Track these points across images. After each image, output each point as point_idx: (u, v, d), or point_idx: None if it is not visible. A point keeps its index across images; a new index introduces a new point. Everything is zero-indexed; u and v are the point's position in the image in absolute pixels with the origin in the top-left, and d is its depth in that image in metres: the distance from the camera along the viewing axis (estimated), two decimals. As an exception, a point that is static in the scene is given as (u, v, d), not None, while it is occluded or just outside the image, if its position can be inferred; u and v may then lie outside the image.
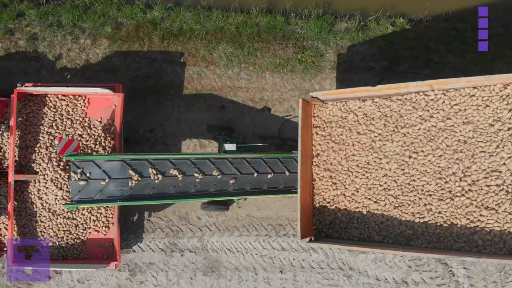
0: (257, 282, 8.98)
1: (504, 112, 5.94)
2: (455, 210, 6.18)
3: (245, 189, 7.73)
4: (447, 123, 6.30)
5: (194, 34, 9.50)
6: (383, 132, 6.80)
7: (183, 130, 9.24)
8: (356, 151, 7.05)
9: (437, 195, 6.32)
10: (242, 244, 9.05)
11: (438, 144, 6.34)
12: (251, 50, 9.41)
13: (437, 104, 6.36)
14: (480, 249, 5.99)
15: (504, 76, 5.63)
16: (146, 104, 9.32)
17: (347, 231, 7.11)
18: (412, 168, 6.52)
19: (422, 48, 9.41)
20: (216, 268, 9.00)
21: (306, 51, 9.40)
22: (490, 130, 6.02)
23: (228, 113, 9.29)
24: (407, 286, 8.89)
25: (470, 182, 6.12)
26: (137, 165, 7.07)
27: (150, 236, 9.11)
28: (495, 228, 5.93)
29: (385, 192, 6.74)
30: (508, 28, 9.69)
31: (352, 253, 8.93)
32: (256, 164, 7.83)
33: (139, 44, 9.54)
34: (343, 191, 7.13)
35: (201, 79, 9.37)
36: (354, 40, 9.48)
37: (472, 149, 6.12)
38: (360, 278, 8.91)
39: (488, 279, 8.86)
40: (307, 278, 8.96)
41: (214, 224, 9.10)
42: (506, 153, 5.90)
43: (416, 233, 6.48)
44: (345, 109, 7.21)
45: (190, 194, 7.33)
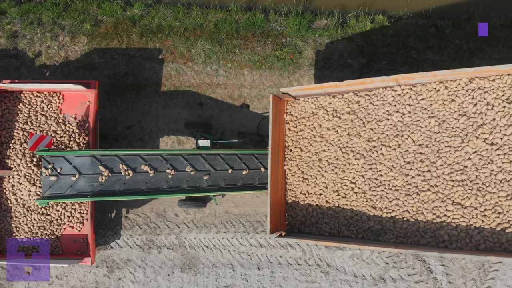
0: (235, 279, 8.99)
1: (469, 107, 5.95)
2: (422, 205, 6.19)
3: (219, 186, 7.75)
4: (413, 118, 6.32)
5: (173, 31, 9.53)
6: (351, 128, 6.82)
7: (161, 127, 9.26)
8: (326, 147, 7.07)
9: (403, 190, 6.33)
10: (220, 241, 9.06)
11: (404, 139, 6.36)
12: (230, 47, 9.44)
13: (404, 99, 6.38)
14: (447, 244, 6.00)
15: (469, 70, 5.64)
16: (124, 101, 9.36)
17: (318, 226, 7.13)
18: (379, 163, 6.53)
19: (400, 45, 9.42)
20: (193, 265, 9.02)
21: (285, 48, 9.42)
22: (455, 125, 6.03)
23: (206, 110, 9.31)
24: (384, 283, 8.89)
25: (435, 176, 6.12)
26: (107, 161, 7.09)
27: (127, 233, 9.14)
28: (461, 223, 5.94)
29: (353, 187, 6.75)
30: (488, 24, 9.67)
31: (330, 250, 8.94)
32: (231, 160, 7.85)
33: (118, 41, 9.57)
34: (314, 186, 7.15)
35: (179, 75, 9.39)
36: (333, 37, 9.50)
37: (438, 144, 6.13)
38: (337, 275, 8.92)
39: (467, 276, 8.86)
40: (285, 274, 8.97)
41: (192, 221, 9.12)
42: (471, 147, 5.91)
43: (384, 228, 6.49)
44: (316, 105, 7.23)
45: (162, 190, 7.35)
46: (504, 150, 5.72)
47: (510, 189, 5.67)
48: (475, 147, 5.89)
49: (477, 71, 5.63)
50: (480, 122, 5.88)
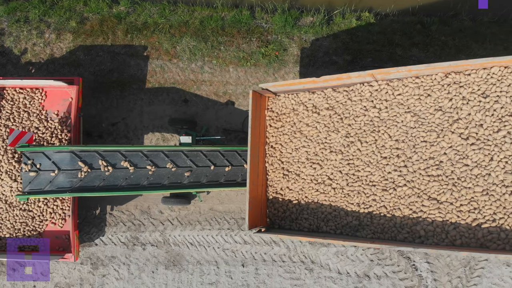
0: (219, 276, 9.01)
1: (445, 101, 5.95)
2: (398, 200, 6.20)
3: (201, 182, 7.76)
4: (390, 113, 6.33)
5: (158, 28, 9.55)
6: (329, 123, 6.83)
7: (146, 124, 9.29)
8: (305, 143, 7.09)
9: (380, 185, 6.34)
10: (204, 238, 9.08)
11: (380, 134, 6.37)
12: (215, 43, 9.45)
13: (381, 94, 6.39)
14: (423, 239, 6.00)
15: (445, 65, 5.65)
16: (109, 97, 9.39)
17: (297, 222, 7.14)
18: (357, 158, 6.54)
19: (386, 41, 9.42)
20: (178, 262, 9.04)
21: (270, 45, 9.43)
22: (431, 120, 6.03)
23: (191, 107, 9.33)
24: (369, 280, 8.89)
25: (412, 172, 6.13)
26: (86, 157, 7.12)
27: (112, 230, 9.17)
28: (437, 219, 5.94)
29: (331, 183, 6.76)
30: (475, 21, 9.67)
31: (314, 246, 8.95)
32: (213, 157, 7.86)
33: (103, 38, 9.60)
34: (294, 182, 7.17)
35: (164, 72, 9.41)
36: (318, 34, 9.50)
37: (414, 139, 6.14)
38: (322, 272, 8.92)
39: (452, 274, 8.85)
40: (269, 271, 8.98)
41: (176, 218, 9.14)
42: (446, 142, 5.91)
43: (362, 224, 6.50)
44: (296, 101, 7.24)
45: (142, 186, 7.38)
46: (479, 145, 5.72)
47: (486, 184, 5.67)
48: (451, 142, 5.90)
49: (452, 65, 5.64)
50: (456, 117, 5.89)
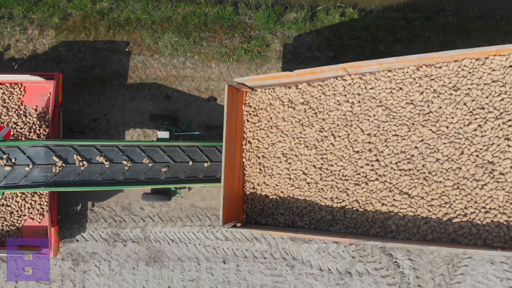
0: (200, 272, 8.99)
1: (416, 95, 5.92)
2: (370, 194, 6.17)
3: (179, 178, 7.75)
4: (362, 108, 6.30)
5: (140, 24, 9.55)
6: (304, 118, 6.80)
7: (127, 120, 9.29)
8: (281, 138, 7.07)
9: (353, 179, 6.31)
10: (185, 235, 9.06)
11: (353, 128, 6.34)
12: (197, 39, 9.44)
13: (353, 88, 6.36)
14: (395, 234, 5.96)
15: (415, 57, 5.61)
16: (90, 93, 9.39)
17: (274, 218, 7.12)
18: (330, 153, 6.52)
19: (369, 37, 9.39)
20: (158, 259, 9.03)
21: (252, 41, 9.41)
22: (402, 113, 6.00)
23: (173, 103, 9.32)
24: (350, 277, 8.85)
25: (383, 166, 6.09)
26: (61, 151, 7.12)
27: (93, 226, 9.17)
28: (408, 213, 5.90)
29: (305, 178, 6.74)
30: (460, 16, 9.63)
31: (295, 243, 8.92)
32: (192, 152, 7.85)
33: (85, 34, 9.61)
34: (270, 178, 7.14)
35: (145, 68, 9.41)
36: (301, 30, 9.48)
37: (385, 133, 6.11)
38: (303, 268, 8.89)
39: (435, 271, 8.80)
40: (250, 268, 8.96)
41: (157, 214, 9.13)
42: (417, 136, 5.87)
43: (335, 218, 6.47)
44: (273, 96, 7.22)
45: (118, 181, 7.37)
46: (450, 139, 5.69)
47: (456, 178, 5.63)
48: (422, 135, 5.86)
49: (422, 58, 5.60)
50: (427, 110, 5.85)
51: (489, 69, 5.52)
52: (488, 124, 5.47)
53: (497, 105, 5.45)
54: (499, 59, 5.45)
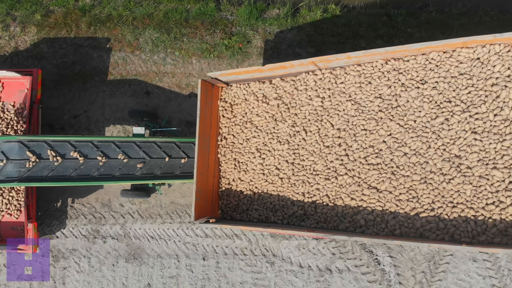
0: (180, 269, 8.98)
1: (384, 89, 5.89)
2: (340, 189, 6.14)
3: (155, 174, 7.73)
4: (332, 102, 6.28)
5: (122, 20, 9.54)
6: (277, 113, 6.78)
7: (107, 116, 9.29)
8: (255, 133, 7.05)
9: (323, 174, 6.28)
10: (165, 231, 9.06)
11: (323, 123, 6.32)
12: (178, 35, 9.44)
13: (324, 83, 6.34)
14: (364, 229, 5.93)
15: (382, 51, 5.58)
16: (71, 90, 9.40)
17: (248, 213, 7.11)
18: (302, 148, 6.50)
19: (350, 34, 9.36)
20: (138, 255, 9.02)
21: (233, 37, 9.39)
22: (371, 108, 5.97)
23: (153, 99, 9.32)
24: (330, 274, 8.82)
25: (352, 160, 6.07)
26: (35, 147, 7.13)
27: (73, 223, 9.18)
28: (377, 208, 5.87)
29: (278, 173, 6.71)
30: (443, 12, 9.58)
31: (276, 239, 8.90)
32: (168, 148, 7.84)
33: (66, 31, 9.62)
34: (245, 173, 7.12)
35: (126, 64, 9.41)
36: (283, 26, 9.46)
37: (355, 128, 6.08)
38: (283, 265, 8.87)
39: (416, 268, 8.75)
40: (230, 265, 8.94)
41: (137, 211, 9.12)
42: (385, 130, 5.84)
43: (307, 213, 6.45)
44: (248, 91, 7.21)
45: (92, 177, 7.37)
46: (418, 132, 5.65)
47: (424, 172, 5.60)
48: (389, 129, 5.83)
49: (389, 51, 5.58)
50: (395, 104, 5.82)
51: (456, 62, 5.48)
52: (455, 118, 5.43)
53: (464, 98, 5.41)
54: (466, 52, 5.42)
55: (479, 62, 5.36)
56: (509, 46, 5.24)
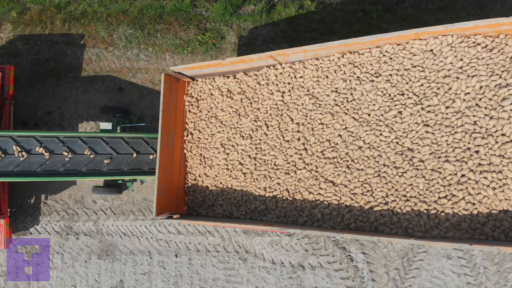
0: (152, 266, 9.00)
1: (340, 82, 5.89)
2: (298, 183, 6.14)
3: (122, 170, 7.74)
4: (292, 97, 6.28)
5: (96, 17, 9.57)
6: (240, 108, 6.79)
7: (81, 113, 9.32)
8: (220, 128, 7.06)
9: (284, 168, 6.29)
10: (138, 228, 9.08)
11: (283, 118, 6.32)
12: (152, 31, 9.46)
13: (284, 77, 6.34)
14: (321, 223, 5.93)
15: (336, 44, 5.58)
16: (45, 86, 9.45)
17: (213, 209, 7.11)
18: (264, 142, 6.51)
19: (325, 30, 9.35)
20: (111, 252, 9.05)
21: (207, 33, 9.40)
22: (327, 102, 5.97)
23: (126, 95, 9.35)
24: (303, 270, 8.81)
25: (310, 154, 6.07)
26: (1, 142, 7.16)
27: (46, 219, 9.21)
28: (333, 202, 5.87)
29: (241, 168, 6.72)
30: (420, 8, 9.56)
31: (249, 236, 8.90)
32: (136, 144, 7.85)
33: (41, 28, 9.67)
34: (210, 169, 7.13)
35: (99, 60, 9.44)
36: (257, 22, 9.46)
37: (312, 122, 6.09)
38: (256, 262, 8.87)
39: (389, 265, 8.73)
40: (202, 261, 8.95)
41: (110, 208, 9.15)
42: (340, 124, 5.85)
43: (268, 208, 6.45)
44: (213, 86, 7.22)
45: (58, 173, 7.40)
46: (372, 126, 5.65)
47: (377, 166, 5.58)
48: (345, 123, 5.83)
49: (343, 44, 5.57)
50: (350, 98, 5.82)
51: (409, 54, 5.47)
52: (407, 111, 5.42)
53: (416, 91, 5.40)
54: (419, 44, 5.41)
55: (431, 54, 5.35)
56: (462, 37, 5.22)
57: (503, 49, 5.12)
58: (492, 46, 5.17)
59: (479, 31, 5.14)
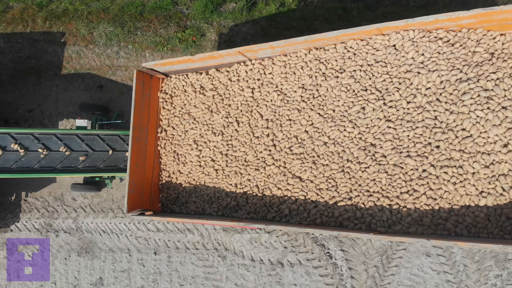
0: (131, 263, 9.06)
1: (306, 79, 5.93)
2: (267, 179, 6.20)
3: (98, 167, 7.81)
4: (262, 93, 6.34)
5: (77, 15, 9.65)
6: (212, 104, 6.84)
7: (61, 110, 9.40)
8: (193, 124, 7.12)
9: (254, 165, 6.35)
10: (117, 226, 9.14)
11: (253, 114, 6.38)
12: (132, 29, 9.53)
13: (254, 73, 6.41)
14: (288, 218, 5.98)
15: (302, 39, 5.62)
16: (26, 84, 9.53)
17: (187, 206, 7.17)
18: (235, 138, 6.58)
19: (305, 27, 9.40)
20: (90, 249, 9.12)
21: (187, 30, 9.46)
22: (295, 98, 6.02)
23: (106, 92, 9.41)
24: (282, 267, 8.85)
25: (278, 150, 6.12)
26: (-26, 139, 7.24)
27: (26, 216, 9.29)
28: (300, 197, 5.92)
29: (213, 165, 6.78)
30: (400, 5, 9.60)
31: (228, 233, 8.95)
32: (112, 141, 7.92)
33: (23, 26, 9.75)
34: (183, 165, 7.19)
35: (80, 58, 9.52)
36: (238, 20, 9.52)
37: (280, 118, 6.14)
38: (235, 259, 8.92)
39: (368, 263, 8.76)
40: (182, 259, 9.01)
41: (89, 205, 9.22)
42: (307, 120, 5.90)
43: (239, 204, 6.51)
44: (187, 82, 7.29)
45: (33, 169, 7.46)
46: (336, 122, 5.69)
47: (341, 161, 5.63)
48: (311, 119, 5.88)
49: (308, 40, 5.62)
50: (316, 94, 5.87)
51: (373, 50, 5.52)
52: (369, 106, 5.47)
53: (379, 86, 5.45)
54: (382, 39, 5.45)
55: (394, 49, 5.39)
56: (423, 31, 5.26)
57: (465, 43, 5.16)
58: (455, 41, 5.21)
59: (441, 26, 5.18)
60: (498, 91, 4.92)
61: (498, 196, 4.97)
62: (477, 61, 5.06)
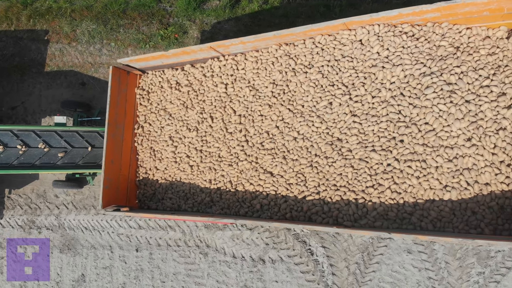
0: (113, 260, 9.14)
1: (276, 74, 6.01)
2: (240, 175, 6.28)
3: (77, 163, 7.90)
4: (235, 88, 6.42)
5: (60, 12, 9.74)
6: (187, 100, 6.93)
7: (44, 108, 9.50)
8: (169, 121, 7.21)
9: (227, 160, 6.43)
10: (99, 223, 9.23)
11: (227, 110, 6.47)
12: (115, 26, 9.62)
13: (227, 69, 6.50)
14: (260, 213, 6.05)
15: (270, 35, 5.70)
16: (10, 82, 9.63)
17: (163, 202, 7.25)
18: (209, 134, 6.67)
19: (287, 24, 9.45)
20: (72, 246, 9.21)
21: (169, 28, 9.55)
22: (266, 93, 6.10)
23: (89, 90, 9.51)
24: (263, 264, 8.92)
25: (251, 146, 6.20)
26: (-48, 136, 7.34)
27: (10, 213, 9.39)
28: (271, 192, 6.00)
29: (189, 161, 6.86)
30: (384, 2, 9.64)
31: (210, 230, 9.02)
32: (92, 138, 8.01)
33: (7, 24, 9.85)
34: (160, 161, 7.27)
35: (63, 56, 9.61)
36: (220, 17, 9.60)
37: (252, 113, 6.22)
38: (216, 256, 8.99)
39: (350, 259, 8.82)
40: (163, 256, 9.09)
41: (72, 202, 9.31)
42: (277, 115, 5.98)
43: (213, 200, 6.59)
44: (163, 78, 7.38)
45: (12, 166, 7.55)
46: (305, 117, 5.77)
47: (310, 156, 5.70)
48: (281, 114, 5.96)
49: (277, 36, 5.70)
50: (286, 89, 5.95)
51: (340, 45, 5.59)
52: (336, 101, 5.54)
53: (345, 81, 5.52)
54: (348, 34, 5.52)
55: (360, 44, 5.46)
56: (388, 26, 5.33)
57: (430, 37, 5.23)
58: (420, 35, 5.27)
59: (405, 20, 5.25)
60: (462, 85, 4.98)
61: (462, 190, 5.03)
62: (441, 55, 5.12)
